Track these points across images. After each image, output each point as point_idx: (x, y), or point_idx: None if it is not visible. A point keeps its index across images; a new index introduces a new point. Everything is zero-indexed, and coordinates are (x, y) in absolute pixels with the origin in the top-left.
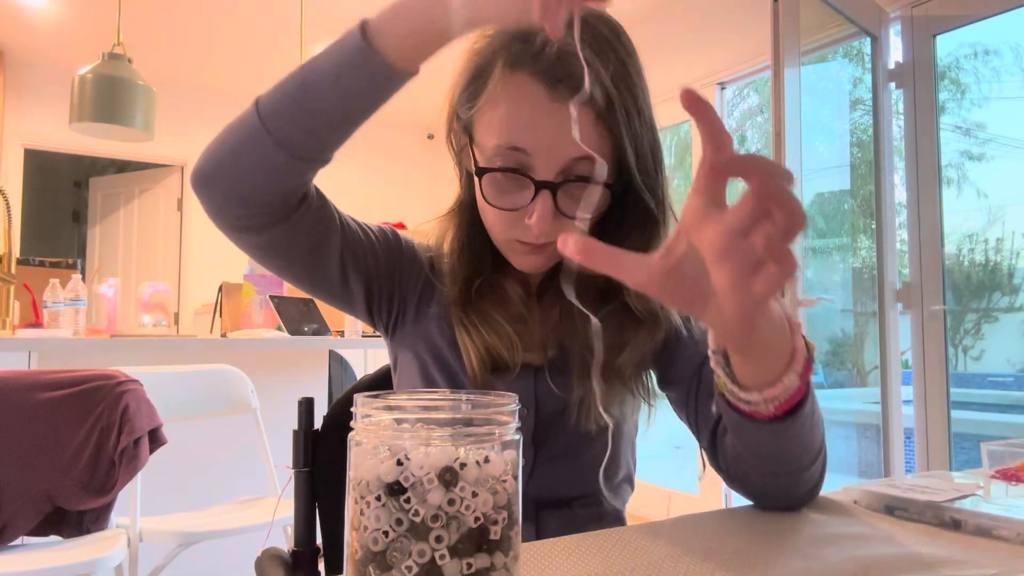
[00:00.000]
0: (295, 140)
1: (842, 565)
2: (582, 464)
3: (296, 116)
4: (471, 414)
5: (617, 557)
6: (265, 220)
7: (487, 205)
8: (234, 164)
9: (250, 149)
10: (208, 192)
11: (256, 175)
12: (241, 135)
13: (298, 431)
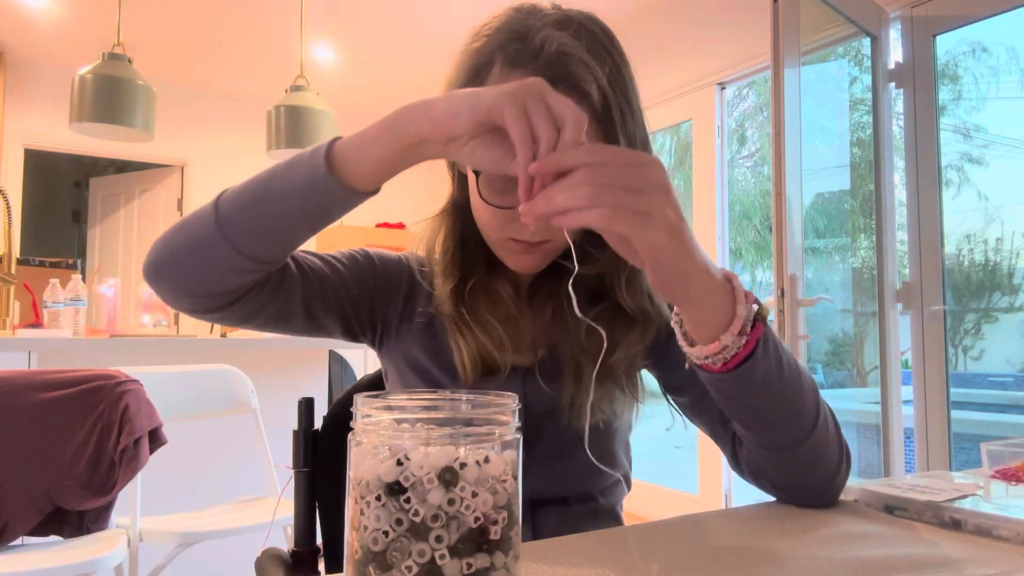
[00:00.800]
0: (252, 248)
1: (842, 565)
2: (574, 464)
3: (254, 228)
4: (471, 414)
5: (617, 557)
6: (222, 303)
7: (482, 204)
8: (190, 263)
9: (207, 252)
10: (163, 285)
11: (212, 273)
12: (198, 238)
13: (298, 431)
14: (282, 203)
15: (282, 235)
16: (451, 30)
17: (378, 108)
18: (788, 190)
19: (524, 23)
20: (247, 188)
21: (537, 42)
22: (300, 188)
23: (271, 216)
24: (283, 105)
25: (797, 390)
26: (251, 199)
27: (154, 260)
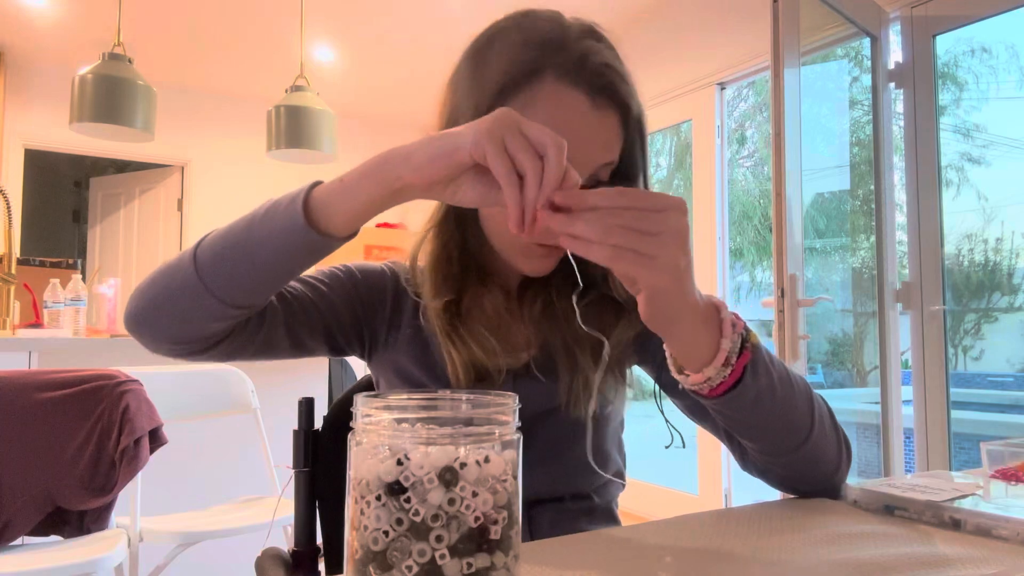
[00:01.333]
0: (232, 296)
1: (842, 565)
2: (569, 463)
3: (233, 277)
4: (471, 414)
5: (617, 557)
6: (205, 347)
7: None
8: (171, 312)
9: (188, 301)
10: (145, 334)
11: (194, 321)
12: (178, 287)
13: (298, 431)
14: (261, 251)
15: (262, 282)
16: (450, 30)
17: (378, 108)
18: (788, 190)
19: (560, 33)
20: (226, 237)
21: (578, 52)
22: (279, 237)
23: (250, 264)
24: (283, 105)
25: (791, 404)
26: (230, 248)
27: (135, 311)
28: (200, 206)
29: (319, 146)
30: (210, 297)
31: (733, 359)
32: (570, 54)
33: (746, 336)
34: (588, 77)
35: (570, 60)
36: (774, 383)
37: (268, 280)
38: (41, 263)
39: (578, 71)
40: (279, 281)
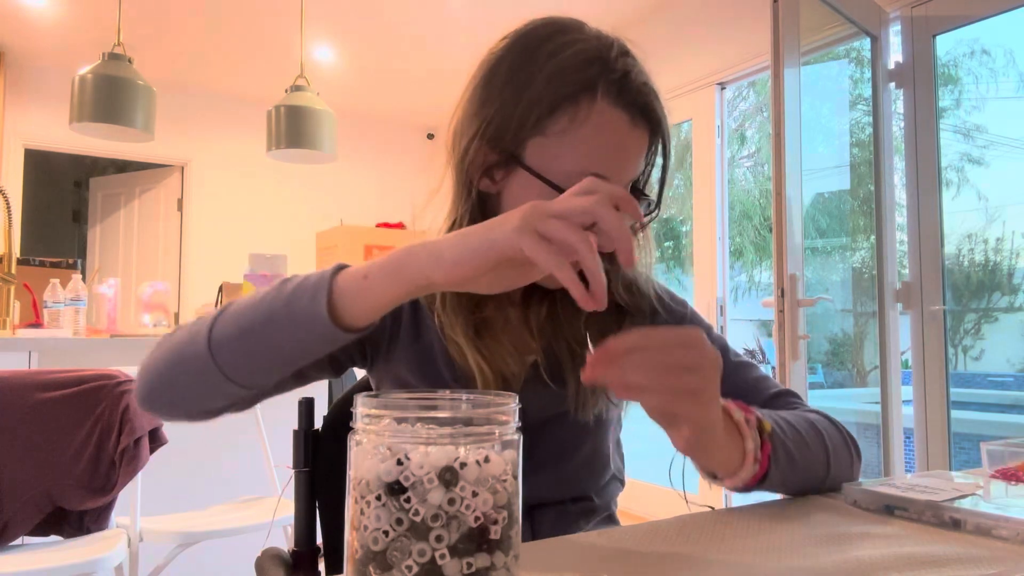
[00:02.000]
0: (249, 379)
1: (842, 565)
2: (569, 468)
3: (251, 364)
4: (471, 414)
5: (617, 557)
6: (219, 413)
7: None
8: (187, 393)
9: (204, 385)
10: (159, 410)
11: (207, 398)
12: (195, 371)
13: (298, 431)
14: (281, 342)
15: (279, 368)
16: (450, 30)
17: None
18: (788, 190)
19: (604, 49)
20: (242, 324)
21: (621, 70)
22: (300, 329)
23: (268, 353)
24: (283, 105)
25: (811, 461)
26: (248, 336)
27: (150, 393)
28: (200, 206)
29: (319, 146)
30: (227, 382)
31: (759, 454)
32: (615, 72)
33: (761, 427)
34: (631, 96)
35: (615, 78)
36: (794, 457)
37: (286, 366)
38: (41, 263)
39: (621, 90)
40: (296, 366)
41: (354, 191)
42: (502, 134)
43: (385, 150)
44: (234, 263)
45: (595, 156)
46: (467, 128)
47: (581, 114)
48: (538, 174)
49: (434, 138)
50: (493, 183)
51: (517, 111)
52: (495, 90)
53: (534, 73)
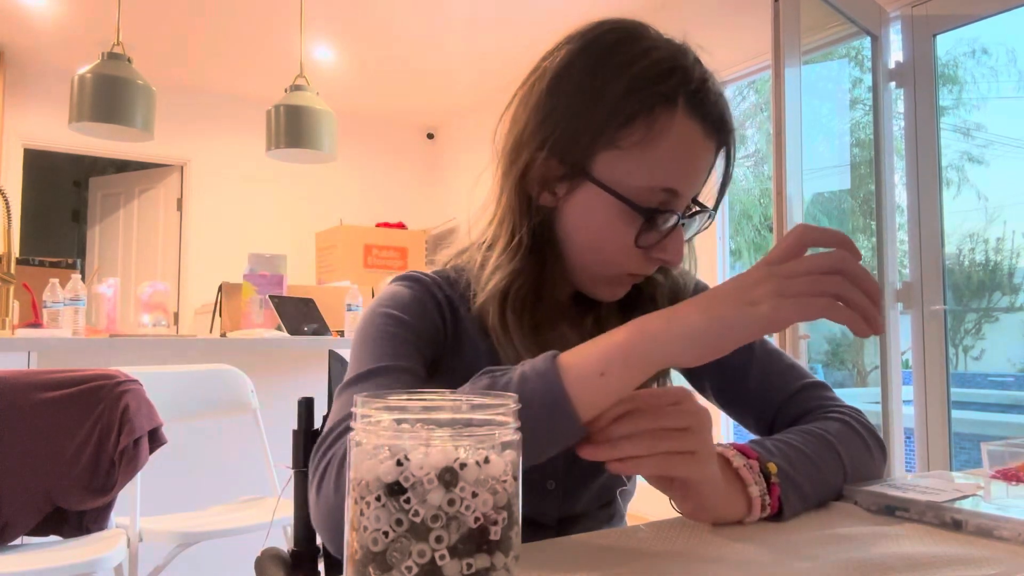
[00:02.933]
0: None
1: (842, 565)
2: (603, 480)
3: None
4: (471, 414)
5: (617, 557)
6: None
7: (621, 245)
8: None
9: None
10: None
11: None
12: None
13: (298, 431)
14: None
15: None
16: (450, 30)
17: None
18: (788, 190)
19: (682, 56)
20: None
21: (698, 79)
22: (542, 445)
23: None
24: (283, 105)
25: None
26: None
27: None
28: (200, 206)
29: (319, 146)
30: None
31: (767, 499)
32: (693, 82)
33: (766, 470)
34: (708, 107)
35: (693, 88)
36: (806, 491)
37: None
38: (40, 263)
39: (700, 101)
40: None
41: (354, 191)
42: (570, 146)
43: (385, 150)
44: (234, 263)
45: (671, 171)
46: (530, 139)
47: (658, 126)
48: (609, 188)
49: (434, 138)
50: (554, 197)
51: (589, 122)
52: (563, 99)
53: (608, 82)
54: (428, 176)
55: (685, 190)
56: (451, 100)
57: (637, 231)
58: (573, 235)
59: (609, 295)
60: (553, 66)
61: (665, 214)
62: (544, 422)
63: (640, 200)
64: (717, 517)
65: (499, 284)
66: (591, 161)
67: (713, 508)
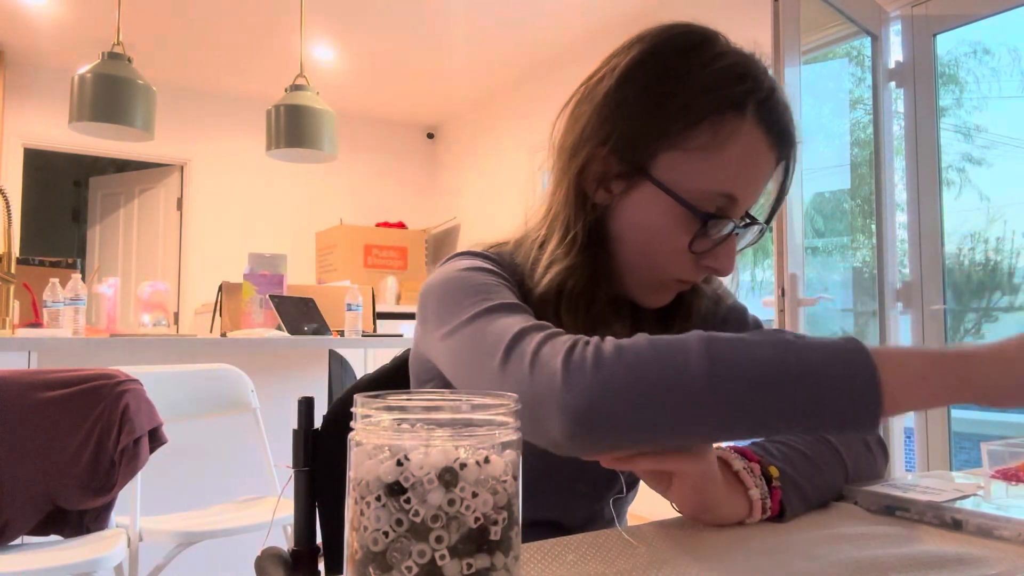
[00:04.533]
0: (731, 433)
1: (842, 565)
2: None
3: (751, 421)
4: (471, 414)
5: (617, 557)
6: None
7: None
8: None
9: (678, 415)
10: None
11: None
12: (675, 398)
13: (298, 430)
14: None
15: (769, 431)
16: (451, 30)
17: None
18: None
19: (753, 64)
20: (756, 380)
21: (767, 88)
22: (833, 417)
23: (775, 415)
24: (283, 104)
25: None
26: (761, 393)
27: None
28: (200, 205)
29: (319, 145)
30: (704, 424)
31: (768, 502)
32: (763, 91)
33: (767, 473)
34: (775, 117)
35: (763, 97)
36: (808, 493)
37: (778, 431)
38: (40, 262)
39: (769, 110)
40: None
41: (354, 191)
42: (633, 144)
43: (385, 150)
44: (234, 262)
45: (733, 177)
46: (592, 135)
47: (725, 131)
48: (668, 189)
49: (434, 138)
50: (609, 195)
51: (654, 121)
52: (630, 97)
53: (678, 83)
54: (428, 176)
55: (744, 198)
56: (451, 100)
57: (692, 235)
58: (625, 235)
59: (653, 301)
60: (622, 65)
61: (721, 221)
62: (836, 401)
63: (698, 204)
64: (718, 518)
65: (553, 280)
66: (652, 161)
67: (713, 509)
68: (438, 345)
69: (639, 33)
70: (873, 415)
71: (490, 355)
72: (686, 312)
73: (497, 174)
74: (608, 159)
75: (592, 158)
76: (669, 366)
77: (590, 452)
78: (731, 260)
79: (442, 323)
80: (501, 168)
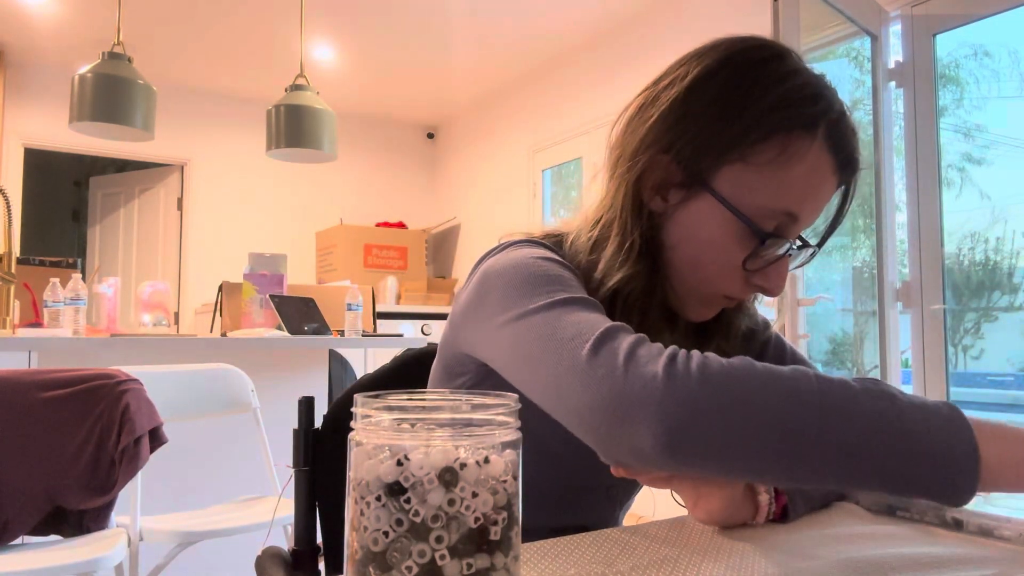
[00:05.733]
0: (815, 477)
1: (843, 565)
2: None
3: (839, 472)
4: (471, 414)
5: (617, 557)
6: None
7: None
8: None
9: (780, 459)
10: (696, 460)
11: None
12: (780, 433)
13: (298, 430)
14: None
15: (856, 488)
16: (451, 29)
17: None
18: None
19: (825, 85)
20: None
21: (838, 112)
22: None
23: (871, 476)
24: (283, 104)
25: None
26: (870, 463)
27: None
28: (200, 205)
29: (319, 145)
30: (799, 468)
31: (773, 506)
32: (835, 112)
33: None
34: (843, 141)
35: (835, 119)
36: (812, 495)
37: (859, 486)
38: (41, 262)
39: (840, 133)
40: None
41: (354, 191)
42: (697, 153)
43: (385, 150)
44: (234, 262)
45: (796, 196)
46: (654, 141)
47: (793, 148)
48: (728, 203)
49: (434, 138)
50: (665, 203)
51: (722, 132)
52: (699, 107)
53: (751, 96)
54: (428, 176)
55: (804, 218)
56: (451, 100)
57: (748, 252)
58: (678, 246)
59: (697, 315)
60: (692, 73)
61: (778, 240)
62: (934, 472)
63: (757, 220)
64: (724, 520)
65: (610, 287)
66: (715, 172)
67: (724, 513)
68: (497, 333)
69: (712, 42)
70: (968, 492)
71: (574, 345)
72: (725, 330)
73: (497, 174)
74: (669, 167)
75: (653, 164)
76: (781, 397)
77: (673, 466)
78: (782, 281)
79: (507, 308)
80: (501, 168)
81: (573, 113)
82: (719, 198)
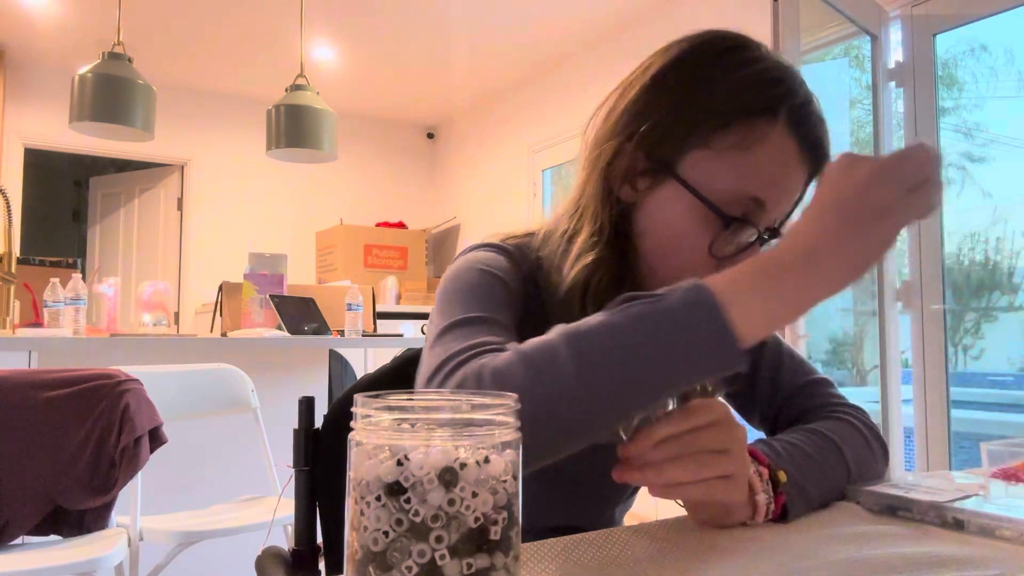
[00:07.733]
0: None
1: (843, 565)
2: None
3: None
4: (471, 414)
5: (617, 557)
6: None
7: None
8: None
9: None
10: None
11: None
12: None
13: (298, 430)
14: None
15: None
16: (451, 30)
17: (378, 108)
18: None
19: (790, 72)
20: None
21: (803, 98)
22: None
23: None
24: (283, 104)
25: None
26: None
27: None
28: (200, 205)
29: (319, 145)
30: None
31: (772, 505)
32: (798, 97)
33: (775, 478)
34: (807, 127)
35: (797, 103)
36: (811, 495)
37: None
38: (41, 262)
39: (802, 120)
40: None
41: (354, 191)
42: (661, 141)
43: (385, 150)
44: (234, 262)
45: (759, 181)
46: (621, 130)
47: (755, 134)
48: (693, 188)
49: (434, 138)
50: (634, 192)
51: (685, 119)
52: (663, 95)
53: (712, 82)
54: (428, 176)
55: (771, 204)
56: (451, 100)
57: (713, 237)
58: (647, 233)
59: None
60: (657, 64)
61: (745, 226)
62: (696, 364)
63: (723, 206)
64: (723, 521)
65: (580, 274)
66: (679, 159)
67: (723, 515)
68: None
69: (680, 37)
70: (732, 359)
71: (422, 381)
72: None
73: (497, 174)
74: (635, 154)
75: (619, 152)
76: (543, 380)
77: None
78: None
79: (435, 324)
80: (501, 168)
81: (573, 113)
82: (684, 184)
